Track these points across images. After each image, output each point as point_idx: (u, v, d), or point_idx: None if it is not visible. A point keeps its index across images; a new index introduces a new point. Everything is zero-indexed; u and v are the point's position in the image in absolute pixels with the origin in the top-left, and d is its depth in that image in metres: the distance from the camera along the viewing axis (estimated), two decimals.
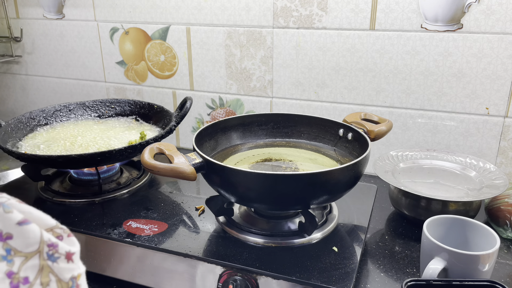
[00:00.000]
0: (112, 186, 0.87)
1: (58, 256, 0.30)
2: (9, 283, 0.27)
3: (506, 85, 0.86)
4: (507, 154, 0.90)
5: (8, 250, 0.28)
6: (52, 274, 0.29)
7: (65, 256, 0.30)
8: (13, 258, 0.28)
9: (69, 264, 0.30)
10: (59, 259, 0.30)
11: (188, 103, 0.93)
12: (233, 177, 0.64)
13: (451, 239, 0.63)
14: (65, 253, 0.30)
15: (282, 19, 0.98)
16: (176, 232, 0.72)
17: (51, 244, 0.29)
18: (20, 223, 0.29)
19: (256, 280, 0.61)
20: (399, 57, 0.91)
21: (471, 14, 0.84)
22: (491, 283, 0.55)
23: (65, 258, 0.30)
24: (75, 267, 0.30)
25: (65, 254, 0.30)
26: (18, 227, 0.29)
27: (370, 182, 0.91)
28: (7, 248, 0.28)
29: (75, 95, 1.28)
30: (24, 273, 0.28)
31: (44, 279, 0.29)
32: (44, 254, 0.29)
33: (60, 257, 0.30)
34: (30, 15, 1.25)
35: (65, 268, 0.30)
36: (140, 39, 1.13)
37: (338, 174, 0.63)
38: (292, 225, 0.72)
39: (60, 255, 0.30)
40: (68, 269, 0.30)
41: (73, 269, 0.30)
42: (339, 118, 0.98)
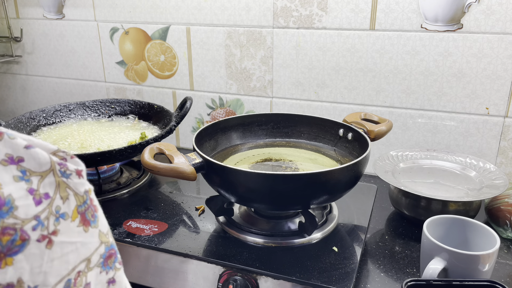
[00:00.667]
0: (112, 186, 0.87)
1: (70, 173, 0.31)
2: (32, 198, 0.28)
3: (506, 85, 0.86)
4: (507, 154, 0.90)
5: (23, 171, 0.29)
6: (68, 189, 0.31)
7: (75, 173, 0.32)
8: (30, 178, 0.29)
9: (81, 179, 0.32)
10: (71, 175, 0.31)
11: (188, 103, 0.93)
12: (233, 177, 0.64)
13: (451, 239, 0.63)
14: (75, 170, 0.32)
15: (282, 19, 0.98)
16: (176, 232, 0.72)
17: (61, 163, 0.31)
18: (27, 146, 0.30)
19: (256, 280, 0.61)
20: (399, 57, 0.91)
21: (471, 14, 0.84)
22: (491, 283, 0.55)
23: (76, 174, 0.32)
24: (85, 182, 0.32)
25: (75, 170, 0.32)
26: (27, 150, 0.30)
27: (370, 182, 0.91)
28: (21, 170, 0.29)
29: (75, 95, 1.28)
30: (44, 190, 0.30)
31: (63, 194, 0.30)
32: (58, 172, 0.31)
33: (72, 174, 0.31)
34: (30, 15, 1.25)
35: (78, 182, 0.31)
36: (140, 39, 1.13)
37: (338, 174, 0.63)
38: (292, 225, 0.72)
39: (71, 171, 0.31)
40: (81, 183, 0.32)
41: (84, 184, 0.32)
42: (339, 118, 0.98)
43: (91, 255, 0.32)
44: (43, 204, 0.29)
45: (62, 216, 0.30)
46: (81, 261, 0.31)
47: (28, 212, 0.28)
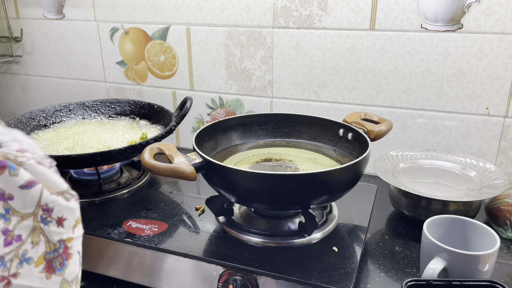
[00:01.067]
0: (112, 186, 0.87)
1: (50, 220, 0.33)
2: (3, 239, 0.30)
3: (506, 85, 0.86)
4: (507, 154, 0.90)
5: (7, 210, 0.31)
6: (42, 235, 0.32)
7: (56, 221, 0.33)
8: (10, 217, 0.31)
9: (59, 228, 0.33)
10: (51, 223, 0.33)
11: (188, 103, 0.93)
12: (233, 177, 0.64)
13: (451, 239, 0.63)
14: (57, 218, 0.33)
15: (282, 19, 0.98)
16: (176, 232, 0.72)
17: (46, 208, 0.33)
18: (22, 186, 0.31)
19: (256, 280, 0.61)
20: (399, 57, 0.91)
21: (471, 14, 0.84)
22: (491, 283, 0.55)
23: (56, 222, 0.33)
24: (64, 232, 0.34)
25: (56, 219, 0.33)
26: (20, 190, 0.31)
27: (370, 182, 0.91)
28: (6, 208, 0.31)
29: (75, 95, 1.28)
30: (18, 232, 0.31)
31: (35, 239, 0.32)
32: (38, 217, 0.32)
33: (52, 221, 0.33)
34: (30, 15, 1.25)
35: (54, 231, 0.33)
36: (140, 39, 1.13)
37: (338, 174, 0.63)
38: (292, 225, 0.72)
39: (52, 219, 0.33)
40: (57, 232, 0.33)
41: (62, 233, 0.33)
42: (339, 118, 0.98)
43: None
44: (12, 245, 0.30)
45: (27, 260, 0.30)
46: None
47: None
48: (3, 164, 0.30)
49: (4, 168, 0.30)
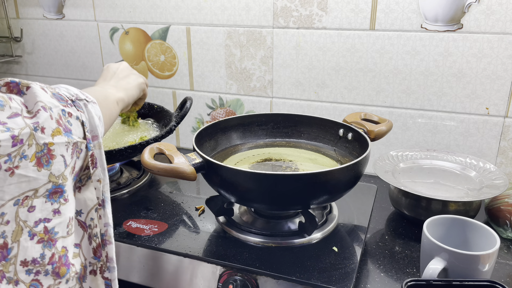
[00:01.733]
0: (112, 186, 0.87)
1: (38, 129, 0.42)
2: (11, 142, 0.39)
3: (506, 85, 0.86)
4: (507, 154, 0.90)
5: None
6: (33, 139, 0.41)
7: (40, 129, 0.42)
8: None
9: (42, 134, 0.42)
10: (38, 130, 0.42)
11: (188, 103, 0.93)
12: (233, 177, 0.64)
13: (451, 239, 0.63)
14: (41, 127, 0.42)
15: (282, 19, 0.98)
16: (176, 232, 0.72)
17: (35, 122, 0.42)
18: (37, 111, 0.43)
19: (256, 280, 0.62)
20: (399, 57, 0.91)
21: (471, 14, 0.84)
22: (491, 283, 0.55)
23: (40, 130, 0.42)
24: (45, 137, 0.42)
25: (40, 127, 0.42)
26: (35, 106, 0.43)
27: (370, 182, 0.91)
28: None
29: None
30: (21, 136, 0.40)
31: (30, 142, 0.41)
32: (31, 125, 0.41)
33: (38, 129, 0.42)
34: (30, 15, 1.25)
35: (40, 136, 0.42)
36: (140, 39, 1.13)
37: (338, 174, 0.63)
38: (292, 225, 0.72)
39: (38, 128, 0.42)
40: (41, 137, 0.42)
41: (44, 138, 0.42)
42: (339, 118, 0.98)
43: (39, 187, 0.42)
44: (16, 147, 0.40)
45: (25, 157, 0.40)
46: (30, 190, 0.41)
47: (5, 150, 0.39)
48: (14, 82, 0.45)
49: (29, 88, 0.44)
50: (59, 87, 0.51)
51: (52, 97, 0.46)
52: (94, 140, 0.51)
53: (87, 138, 0.49)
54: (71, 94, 0.51)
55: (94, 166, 0.50)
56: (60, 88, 0.51)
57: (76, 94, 0.51)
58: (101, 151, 0.51)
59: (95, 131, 0.51)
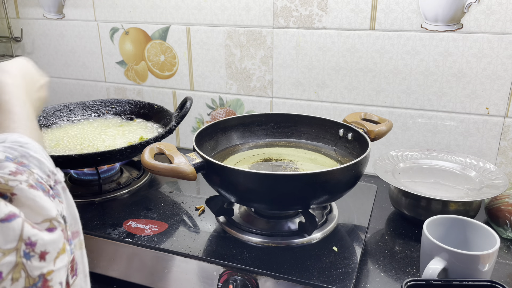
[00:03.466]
0: (112, 186, 0.87)
1: (33, 255, 0.31)
2: None
3: (506, 85, 0.86)
4: (507, 154, 0.90)
5: None
6: (23, 271, 0.31)
7: (39, 255, 0.32)
8: None
9: (41, 262, 0.32)
10: (33, 258, 0.31)
11: (188, 103, 0.93)
12: (233, 177, 0.64)
13: (451, 239, 0.63)
14: (40, 253, 0.32)
15: (282, 19, 0.98)
16: (176, 232, 0.72)
17: (29, 242, 0.31)
18: (3, 220, 0.30)
19: (256, 280, 0.61)
20: (399, 57, 0.91)
21: (471, 14, 0.84)
22: (491, 283, 0.55)
23: (38, 257, 0.32)
24: (45, 265, 0.32)
25: (39, 253, 0.32)
26: (1, 224, 0.30)
27: (370, 182, 0.91)
28: None
29: (75, 95, 1.28)
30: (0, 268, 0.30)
31: (16, 275, 0.30)
32: (21, 252, 0.31)
33: (35, 256, 0.31)
34: (30, 15, 1.25)
35: (36, 266, 0.31)
36: (140, 39, 1.13)
37: (338, 174, 0.63)
38: (292, 225, 0.72)
39: (35, 254, 0.31)
40: (39, 267, 0.32)
41: (43, 267, 0.32)
42: (339, 118, 0.98)
43: None
44: None
45: None
46: None
47: None
48: None
49: None
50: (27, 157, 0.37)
51: (45, 195, 0.34)
52: (75, 237, 0.40)
53: (68, 238, 0.37)
54: (47, 173, 0.38)
55: (74, 274, 0.38)
56: (30, 160, 0.37)
57: (52, 172, 0.39)
58: (82, 252, 0.41)
59: (76, 225, 0.40)
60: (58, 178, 0.39)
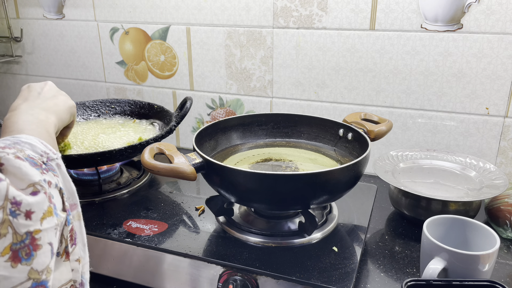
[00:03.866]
0: (112, 186, 0.87)
1: (19, 213, 0.34)
2: None
3: (506, 85, 0.86)
4: (507, 154, 0.90)
5: None
6: (10, 227, 0.33)
7: (24, 214, 0.35)
8: None
9: (27, 221, 0.35)
10: (19, 216, 0.34)
11: (188, 103, 0.93)
12: (233, 177, 0.64)
13: (451, 239, 0.63)
14: (25, 211, 0.35)
15: (282, 19, 0.98)
16: (176, 232, 0.72)
17: (15, 202, 0.34)
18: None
19: (256, 280, 0.61)
20: (399, 57, 0.91)
21: (471, 14, 0.84)
22: (491, 283, 0.55)
23: (24, 215, 0.34)
24: (32, 224, 0.35)
25: (25, 212, 0.35)
26: None
27: (370, 182, 0.91)
28: None
29: (75, 95, 1.28)
30: None
31: (3, 231, 0.33)
32: (7, 210, 0.33)
33: (20, 214, 0.34)
34: (30, 15, 1.25)
35: (22, 223, 0.34)
36: (140, 39, 1.13)
37: (338, 174, 0.63)
38: (292, 225, 0.72)
39: (20, 212, 0.34)
40: (25, 225, 0.34)
41: (29, 225, 0.35)
42: (339, 118, 0.98)
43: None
44: None
45: None
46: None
47: None
48: None
49: None
50: (19, 143, 0.41)
51: (31, 166, 0.37)
52: (73, 209, 0.42)
53: (66, 209, 0.40)
54: (39, 153, 0.41)
55: (73, 243, 0.41)
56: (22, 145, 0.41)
57: (44, 152, 0.42)
58: (80, 223, 0.43)
59: (73, 198, 0.43)
60: (50, 155, 0.42)
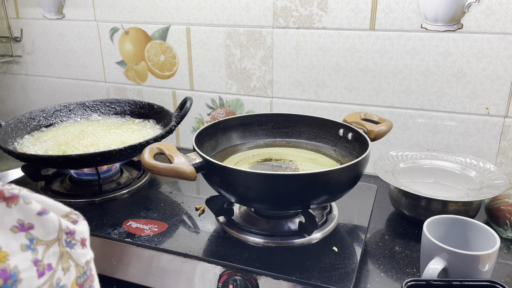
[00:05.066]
0: (112, 186, 0.87)
1: (75, 243, 0.32)
2: (36, 270, 0.29)
3: (506, 85, 0.86)
4: (507, 154, 0.90)
5: (31, 240, 0.30)
6: (71, 260, 0.32)
7: (80, 243, 0.33)
8: (36, 247, 0.30)
9: (84, 249, 0.33)
10: (76, 245, 0.32)
11: (188, 103, 0.93)
12: (233, 177, 0.64)
13: (451, 239, 0.63)
14: (80, 240, 0.33)
15: (282, 19, 0.98)
16: (176, 232, 0.72)
17: (69, 231, 0.32)
18: (40, 213, 0.31)
19: (256, 280, 0.61)
20: (399, 57, 0.91)
21: (471, 14, 0.84)
22: (491, 283, 0.55)
23: (80, 244, 0.33)
24: (87, 252, 0.33)
25: (80, 240, 0.33)
26: (38, 217, 0.30)
27: (370, 182, 0.91)
28: (30, 238, 0.30)
29: (75, 95, 1.28)
30: (48, 260, 0.30)
31: (65, 265, 0.31)
32: (63, 241, 0.31)
33: (77, 244, 0.32)
34: (30, 15, 1.25)
35: (80, 253, 0.32)
36: (140, 39, 1.13)
37: (338, 174, 0.63)
38: (292, 225, 0.72)
39: (76, 241, 0.32)
40: (83, 254, 0.33)
41: (86, 254, 0.33)
42: (339, 118, 0.98)
43: None
44: (45, 276, 0.29)
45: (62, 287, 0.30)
46: None
47: (31, 285, 0.28)
48: (14, 194, 0.29)
49: (17, 198, 0.29)
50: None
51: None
52: None
53: None
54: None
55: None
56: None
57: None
58: None
59: None
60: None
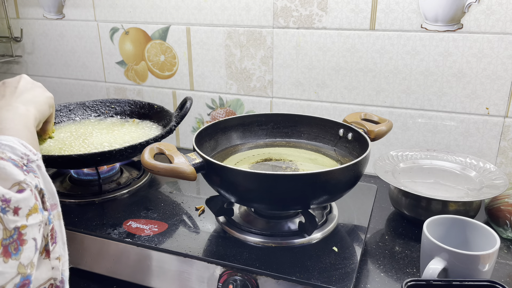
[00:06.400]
0: (112, 186, 0.87)
1: (8, 210, 0.36)
2: None
3: (506, 85, 0.86)
4: (507, 154, 0.90)
5: None
6: (0, 223, 0.35)
7: (13, 210, 0.37)
8: None
9: (15, 217, 0.37)
10: (8, 212, 0.36)
11: (188, 103, 0.93)
12: (233, 177, 0.64)
13: (451, 239, 0.63)
14: (14, 208, 0.37)
15: (282, 19, 0.98)
16: (176, 232, 0.72)
17: (4, 199, 0.36)
18: None
19: (256, 280, 0.61)
20: (399, 57, 0.91)
21: (471, 14, 0.84)
22: (491, 283, 0.55)
23: (12, 211, 0.37)
24: (19, 220, 0.37)
25: (13, 208, 0.37)
26: None
27: (370, 182, 0.91)
28: None
29: (75, 95, 1.28)
30: None
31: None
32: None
33: (9, 211, 0.36)
34: (30, 15, 1.25)
35: (11, 219, 0.36)
36: (140, 39, 1.13)
37: (338, 174, 0.63)
38: (292, 225, 0.72)
39: (9, 209, 0.36)
40: (13, 220, 0.37)
41: (17, 221, 0.37)
42: (339, 118, 0.98)
43: (6, 283, 0.35)
44: None
45: None
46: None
47: None
48: None
49: None
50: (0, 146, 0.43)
51: (14, 166, 0.39)
52: (54, 209, 0.44)
53: (47, 208, 0.42)
54: (20, 155, 0.43)
55: (53, 242, 0.42)
56: (2, 147, 0.43)
57: (25, 154, 0.43)
58: (60, 222, 0.45)
59: (53, 198, 0.44)
60: (30, 157, 0.43)
